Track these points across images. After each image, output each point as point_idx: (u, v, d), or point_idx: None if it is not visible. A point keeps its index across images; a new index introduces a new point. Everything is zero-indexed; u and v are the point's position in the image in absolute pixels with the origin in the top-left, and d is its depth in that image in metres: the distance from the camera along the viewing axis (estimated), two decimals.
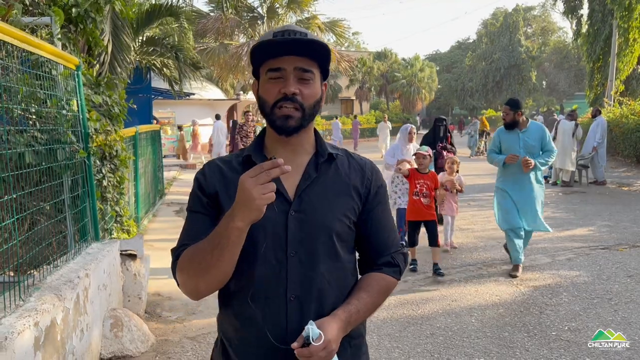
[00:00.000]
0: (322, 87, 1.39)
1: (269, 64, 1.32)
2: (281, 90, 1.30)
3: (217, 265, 1.23)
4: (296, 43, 1.28)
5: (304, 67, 1.31)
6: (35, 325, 2.42)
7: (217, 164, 1.42)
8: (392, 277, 1.44)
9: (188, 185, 12.67)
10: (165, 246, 6.55)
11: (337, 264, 1.36)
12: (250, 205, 1.13)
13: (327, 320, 1.26)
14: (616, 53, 18.54)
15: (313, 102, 1.34)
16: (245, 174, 1.15)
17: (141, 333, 3.81)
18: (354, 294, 1.37)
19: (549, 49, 57.55)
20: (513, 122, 5.43)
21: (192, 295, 1.33)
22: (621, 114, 16.02)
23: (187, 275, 1.29)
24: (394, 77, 46.48)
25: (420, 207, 5.65)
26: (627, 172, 14.21)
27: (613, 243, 6.66)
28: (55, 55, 3.32)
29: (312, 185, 1.36)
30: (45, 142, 3.18)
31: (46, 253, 3.13)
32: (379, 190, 1.45)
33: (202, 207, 1.37)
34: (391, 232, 1.48)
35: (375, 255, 1.45)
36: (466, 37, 69.46)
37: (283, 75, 1.30)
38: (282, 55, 1.30)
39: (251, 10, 27.49)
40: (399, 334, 4.08)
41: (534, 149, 5.39)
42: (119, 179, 4.84)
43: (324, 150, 1.41)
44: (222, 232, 1.19)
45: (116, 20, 7.12)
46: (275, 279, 1.31)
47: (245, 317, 1.32)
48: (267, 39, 1.30)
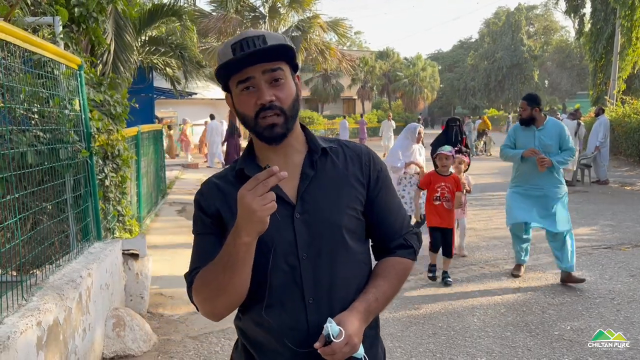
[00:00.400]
0: (295, 80, 1.36)
1: (237, 77, 1.29)
2: (257, 101, 1.27)
3: (231, 283, 1.23)
4: (256, 54, 1.25)
5: (272, 67, 1.28)
6: (38, 325, 2.43)
7: (213, 181, 1.40)
8: (407, 258, 1.43)
9: (190, 185, 12.68)
10: (167, 245, 6.57)
11: (350, 257, 1.35)
12: (253, 219, 1.12)
13: (345, 315, 1.25)
14: (619, 52, 18.49)
15: (291, 102, 1.31)
16: (242, 188, 1.14)
17: (143, 332, 3.82)
18: (371, 282, 1.36)
19: (551, 48, 57.47)
20: (530, 118, 5.11)
21: (213, 317, 1.32)
22: (624, 113, 15.99)
23: (204, 299, 1.29)
24: (396, 77, 46.42)
25: (442, 213, 5.27)
26: (629, 172, 14.18)
27: (615, 242, 6.64)
28: (57, 55, 3.32)
29: (311, 184, 1.34)
30: (47, 141, 3.19)
31: (48, 252, 3.14)
32: (380, 175, 1.43)
33: (207, 228, 1.36)
34: (399, 214, 1.46)
35: (388, 240, 1.43)
36: (468, 37, 69.45)
37: (254, 84, 1.28)
38: (247, 66, 1.27)
39: (253, 9, 27.49)
40: (400, 334, 4.08)
41: (551, 147, 5.03)
42: (121, 179, 4.84)
43: (317, 146, 1.38)
44: (231, 250, 1.19)
45: (119, 20, 7.13)
46: (290, 285, 1.30)
47: (264, 326, 1.32)
48: (226, 57, 1.27)
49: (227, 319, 1.36)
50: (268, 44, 1.26)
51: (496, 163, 17.63)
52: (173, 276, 5.35)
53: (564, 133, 5.06)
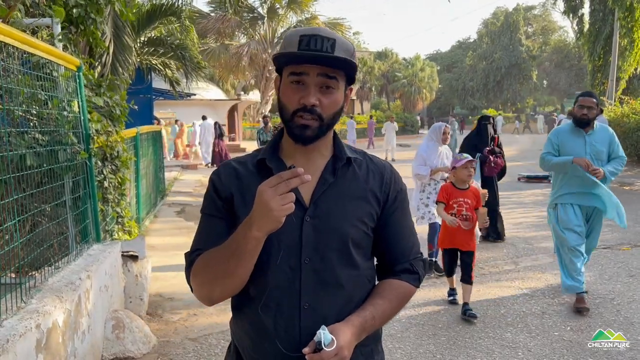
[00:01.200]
0: (345, 93, 1.34)
1: (292, 67, 1.27)
2: (301, 100, 1.26)
3: (234, 273, 1.22)
4: (321, 58, 1.23)
5: (328, 74, 1.26)
6: (37, 328, 2.42)
7: (233, 165, 1.38)
8: (410, 284, 1.40)
9: (189, 185, 12.64)
10: (166, 247, 6.56)
11: (353, 271, 1.33)
12: (270, 216, 1.12)
13: (340, 326, 1.23)
14: (619, 53, 18.51)
15: (333, 113, 1.29)
16: (264, 184, 1.12)
17: (143, 334, 3.81)
18: (370, 300, 1.34)
19: (549, 48, 57.56)
20: (591, 120, 4.35)
21: (206, 301, 1.32)
22: (622, 113, 16.01)
23: (202, 282, 1.29)
24: (394, 77, 46.49)
25: (457, 234, 4.40)
26: (628, 172, 14.18)
27: (615, 243, 6.64)
28: (56, 56, 3.31)
29: (328, 190, 1.32)
30: (46, 143, 3.18)
31: (47, 255, 3.13)
32: (398, 195, 1.41)
33: (217, 211, 1.34)
34: (410, 238, 1.43)
35: (394, 262, 1.41)
36: (467, 37, 69.56)
37: (305, 81, 1.26)
38: (306, 62, 1.25)
39: (251, 10, 27.53)
40: (401, 335, 4.08)
41: (602, 154, 4.35)
42: (120, 180, 4.83)
43: (343, 154, 1.36)
44: (240, 240, 1.18)
45: (117, 21, 7.12)
46: (288, 286, 1.28)
47: (258, 325, 1.31)
48: (291, 46, 1.25)
49: (226, 320, 1.35)
50: (335, 52, 1.24)
51: None
52: (172, 277, 5.35)
53: (614, 139, 4.42)
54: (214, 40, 26.77)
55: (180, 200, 10.24)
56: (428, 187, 5.61)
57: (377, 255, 1.44)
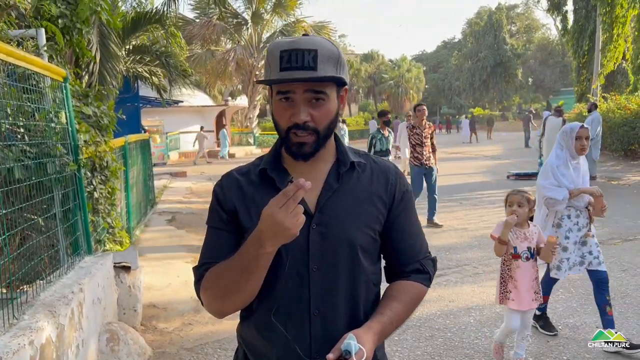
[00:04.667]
0: (340, 95, 1.31)
1: (277, 86, 1.25)
2: (291, 118, 1.23)
3: (246, 287, 1.21)
4: (303, 78, 1.19)
5: (316, 89, 1.23)
6: (30, 344, 2.37)
7: (235, 176, 1.37)
8: (422, 284, 1.39)
9: (179, 193, 12.55)
10: (158, 256, 6.50)
11: (361, 276, 1.32)
12: (286, 234, 1.10)
13: (362, 334, 1.19)
14: (600, 48, 18.73)
15: (327, 123, 1.27)
16: (272, 205, 1.10)
17: (138, 346, 3.76)
18: (386, 304, 1.32)
19: (533, 46, 58.17)
20: None
21: (217, 315, 1.31)
22: (607, 109, 16.18)
23: (213, 296, 1.28)
24: (381, 79, 46.69)
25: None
26: (615, 167, 14.34)
27: (606, 237, 6.68)
28: (42, 67, 3.27)
29: (333, 196, 1.31)
30: (34, 156, 3.13)
31: (38, 268, 3.08)
32: (404, 196, 1.39)
33: (223, 224, 1.33)
34: (418, 238, 1.42)
35: (404, 263, 1.39)
36: (452, 37, 69.96)
37: (293, 98, 1.23)
38: (289, 82, 1.22)
39: (236, 15, 27.50)
40: (397, 337, 4.06)
41: None
42: (110, 190, 4.79)
43: (346, 159, 1.34)
44: (251, 257, 1.16)
45: (103, 29, 7.06)
46: (297, 295, 1.28)
47: (268, 332, 1.30)
48: (274, 67, 1.21)
49: (222, 329, 1.33)
50: (318, 65, 1.20)
51: (482, 162, 17.76)
52: (166, 287, 5.30)
53: None
54: (199, 46, 26.71)
55: (171, 209, 10.16)
56: (567, 220, 3.84)
57: (386, 257, 1.43)
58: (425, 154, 7.91)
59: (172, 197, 11.80)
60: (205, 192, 13.28)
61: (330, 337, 1.24)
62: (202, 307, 1.33)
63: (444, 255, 6.34)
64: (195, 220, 9.14)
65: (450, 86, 57.31)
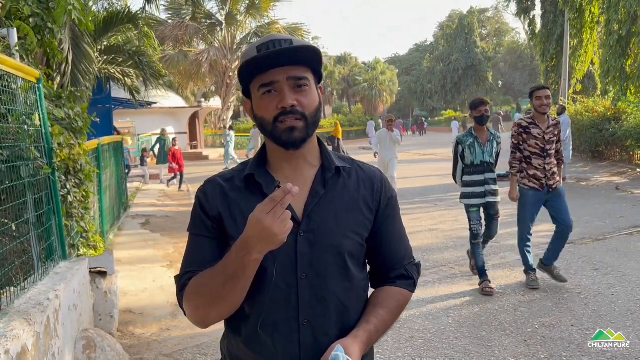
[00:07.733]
0: (318, 91, 1.32)
1: (259, 80, 1.24)
2: (278, 105, 1.22)
3: (231, 295, 1.18)
4: (284, 53, 1.21)
5: (298, 76, 1.23)
6: (6, 354, 2.30)
7: (219, 182, 1.34)
8: (407, 290, 1.39)
9: (152, 196, 12.35)
10: (133, 260, 6.39)
11: (350, 283, 1.30)
12: (274, 240, 1.08)
13: (349, 344, 1.19)
14: (570, 53, 19.17)
15: (314, 110, 1.27)
16: (259, 211, 1.07)
17: (115, 353, 3.68)
18: (372, 311, 1.31)
19: (503, 50, 59.26)
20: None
21: (201, 325, 1.27)
22: (576, 112, 16.58)
23: (196, 306, 1.23)
24: (355, 81, 46.90)
25: None
26: (583, 167, 14.69)
27: (577, 237, 6.82)
28: (14, 68, 3.18)
29: (320, 202, 1.29)
30: (6, 159, 3.04)
31: (11, 275, 2.99)
32: (390, 202, 1.38)
33: (206, 230, 1.29)
34: (403, 244, 1.42)
35: (388, 269, 1.39)
36: (424, 40, 70.80)
37: (276, 88, 1.23)
38: (271, 68, 1.22)
39: (210, 17, 27.29)
40: None
41: None
42: (84, 194, 4.67)
43: (331, 164, 1.33)
44: (237, 265, 1.13)
45: (75, 29, 6.90)
46: (285, 304, 1.25)
47: (255, 343, 1.27)
48: (251, 55, 1.22)
49: (201, 333, 1.30)
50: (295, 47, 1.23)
51: (440, 164, 17.96)
52: (142, 292, 5.21)
53: None
54: (172, 47, 26.40)
55: (145, 212, 10.01)
56: None
57: (371, 263, 1.42)
58: None
59: (146, 200, 11.63)
60: (180, 195, 13.12)
61: (320, 346, 1.22)
62: (180, 312, 1.30)
63: (421, 256, 6.39)
64: (169, 223, 9.02)
65: (423, 89, 57.95)
